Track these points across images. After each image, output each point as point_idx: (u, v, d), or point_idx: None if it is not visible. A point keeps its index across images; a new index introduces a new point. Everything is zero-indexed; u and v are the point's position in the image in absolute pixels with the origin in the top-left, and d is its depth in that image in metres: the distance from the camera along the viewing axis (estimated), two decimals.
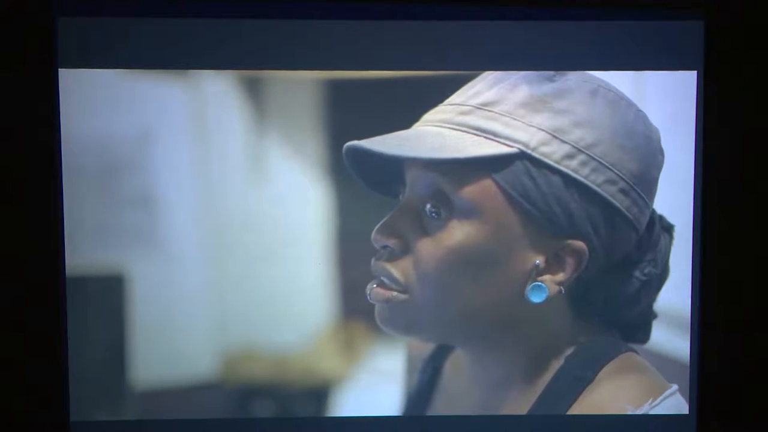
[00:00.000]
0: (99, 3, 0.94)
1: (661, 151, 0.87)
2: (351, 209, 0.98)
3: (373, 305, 0.86)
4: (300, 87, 0.98)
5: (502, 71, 0.88)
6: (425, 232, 0.83)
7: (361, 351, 1.01)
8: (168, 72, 0.96)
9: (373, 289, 0.86)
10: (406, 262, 0.84)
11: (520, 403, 0.89)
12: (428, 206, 0.83)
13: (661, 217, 0.89)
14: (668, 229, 0.90)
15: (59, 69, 0.94)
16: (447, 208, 0.82)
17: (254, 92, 0.98)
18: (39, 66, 0.94)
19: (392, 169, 0.85)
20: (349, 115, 0.98)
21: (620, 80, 0.89)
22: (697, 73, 0.95)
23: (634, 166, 0.82)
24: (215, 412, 1.01)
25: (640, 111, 0.85)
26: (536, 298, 0.83)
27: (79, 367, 0.98)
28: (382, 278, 0.85)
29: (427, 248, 0.83)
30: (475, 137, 0.81)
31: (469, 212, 0.82)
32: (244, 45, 0.96)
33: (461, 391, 0.94)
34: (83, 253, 0.98)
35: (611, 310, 0.88)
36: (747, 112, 0.96)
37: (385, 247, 0.85)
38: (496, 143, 0.81)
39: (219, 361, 1.00)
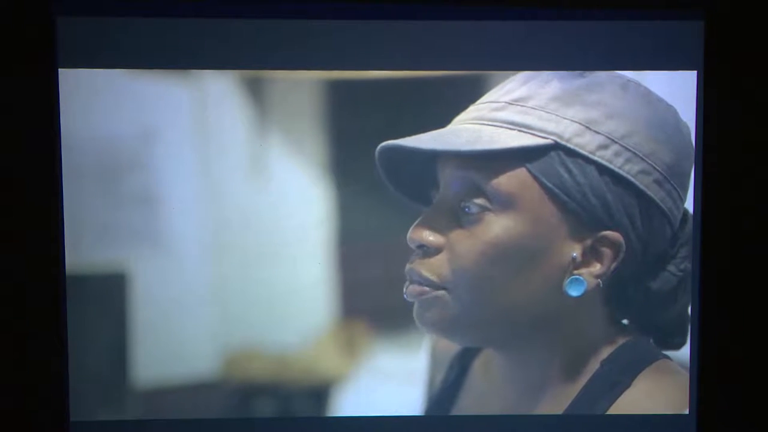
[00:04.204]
0: (99, 3, 0.94)
1: (692, 146, 0.87)
2: (352, 209, 0.98)
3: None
4: (302, 87, 0.98)
5: (508, 72, 0.89)
6: (462, 229, 0.83)
7: (362, 351, 1.01)
8: (169, 72, 0.96)
9: (408, 287, 0.86)
10: (442, 261, 0.84)
11: (553, 406, 0.89)
12: (464, 202, 0.83)
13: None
14: None
15: (59, 69, 0.94)
16: (483, 203, 0.82)
17: (256, 92, 0.98)
18: (39, 66, 0.94)
19: (425, 170, 0.86)
20: (351, 116, 0.98)
21: None
22: (697, 73, 0.95)
23: (667, 158, 0.83)
24: (216, 412, 1.01)
25: (671, 105, 0.86)
26: (574, 291, 0.83)
27: (79, 366, 0.98)
28: (417, 279, 0.85)
29: (465, 244, 0.83)
30: (510, 131, 0.82)
31: (505, 205, 0.82)
32: (244, 45, 0.96)
33: (492, 391, 0.93)
34: (84, 251, 0.98)
35: (649, 309, 0.88)
36: (747, 112, 0.96)
37: (420, 246, 0.85)
38: (530, 135, 0.81)
39: (220, 360, 1.00)
